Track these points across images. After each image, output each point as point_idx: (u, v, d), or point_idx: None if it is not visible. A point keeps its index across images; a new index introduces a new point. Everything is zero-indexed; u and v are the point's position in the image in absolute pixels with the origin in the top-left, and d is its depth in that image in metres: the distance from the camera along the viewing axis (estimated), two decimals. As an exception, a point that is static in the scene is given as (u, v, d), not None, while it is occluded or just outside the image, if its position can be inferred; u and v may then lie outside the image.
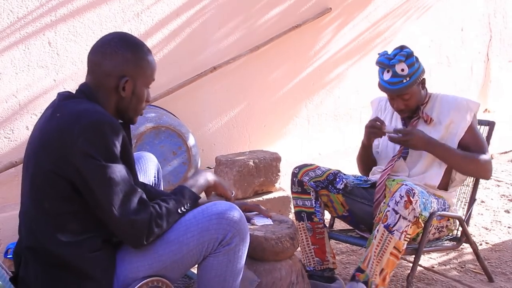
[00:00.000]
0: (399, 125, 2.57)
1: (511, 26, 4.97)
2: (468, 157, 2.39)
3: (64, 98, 1.69)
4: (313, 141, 3.97)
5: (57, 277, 1.62)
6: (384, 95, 2.55)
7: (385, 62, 2.40)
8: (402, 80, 2.38)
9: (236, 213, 1.72)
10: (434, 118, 2.47)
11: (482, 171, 2.43)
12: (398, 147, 2.52)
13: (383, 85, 2.44)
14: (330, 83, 3.99)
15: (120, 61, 1.67)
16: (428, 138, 2.38)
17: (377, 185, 2.46)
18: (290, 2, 3.70)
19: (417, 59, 2.43)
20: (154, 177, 2.19)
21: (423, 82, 2.47)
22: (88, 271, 1.61)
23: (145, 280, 1.64)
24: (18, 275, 1.69)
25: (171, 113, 3.22)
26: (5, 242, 2.76)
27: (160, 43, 3.28)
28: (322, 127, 4.01)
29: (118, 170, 1.56)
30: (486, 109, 4.94)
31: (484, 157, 2.39)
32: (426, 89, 2.52)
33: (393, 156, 2.52)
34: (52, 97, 2.95)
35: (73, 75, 3.02)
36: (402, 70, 2.37)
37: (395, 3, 4.19)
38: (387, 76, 2.41)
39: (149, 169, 2.17)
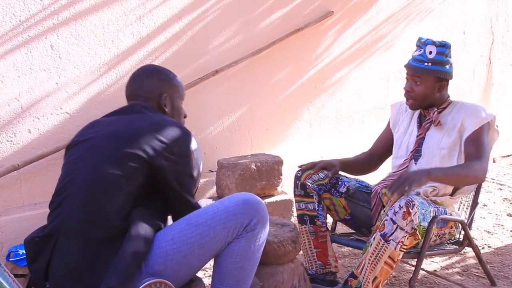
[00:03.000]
0: (415, 130, 2.53)
1: (513, 30, 4.97)
2: (464, 170, 2.30)
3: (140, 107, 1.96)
4: (315, 144, 3.97)
5: (99, 253, 1.70)
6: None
7: (422, 39, 2.47)
8: (425, 62, 2.41)
9: (260, 201, 1.86)
10: (447, 123, 2.44)
11: (477, 179, 2.35)
12: (411, 147, 2.51)
13: (408, 61, 2.48)
14: (332, 87, 3.99)
15: (156, 82, 2.01)
16: (427, 169, 2.25)
17: (372, 190, 2.47)
18: (292, 5, 3.70)
19: (450, 57, 2.45)
20: None
21: (442, 84, 2.44)
22: (138, 250, 1.69)
23: (148, 282, 1.66)
24: (51, 257, 1.73)
25: (173, 116, 3.22)
26: (7, 245, 2.75)
27: (162, 46, 3.28)
28: (324, 131, 4.01)
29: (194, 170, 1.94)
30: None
31: (476, 164, 2.29)
32: (448, 96, 2.50)
33: (404, 160, 2.51)
34: (54, 100, 2.99)
35: (75, 78, 3.03)
36: (430, 52, 2.41)
37: (397, 7, 4.19)
38: (416, 53, 2.46)
39: None
